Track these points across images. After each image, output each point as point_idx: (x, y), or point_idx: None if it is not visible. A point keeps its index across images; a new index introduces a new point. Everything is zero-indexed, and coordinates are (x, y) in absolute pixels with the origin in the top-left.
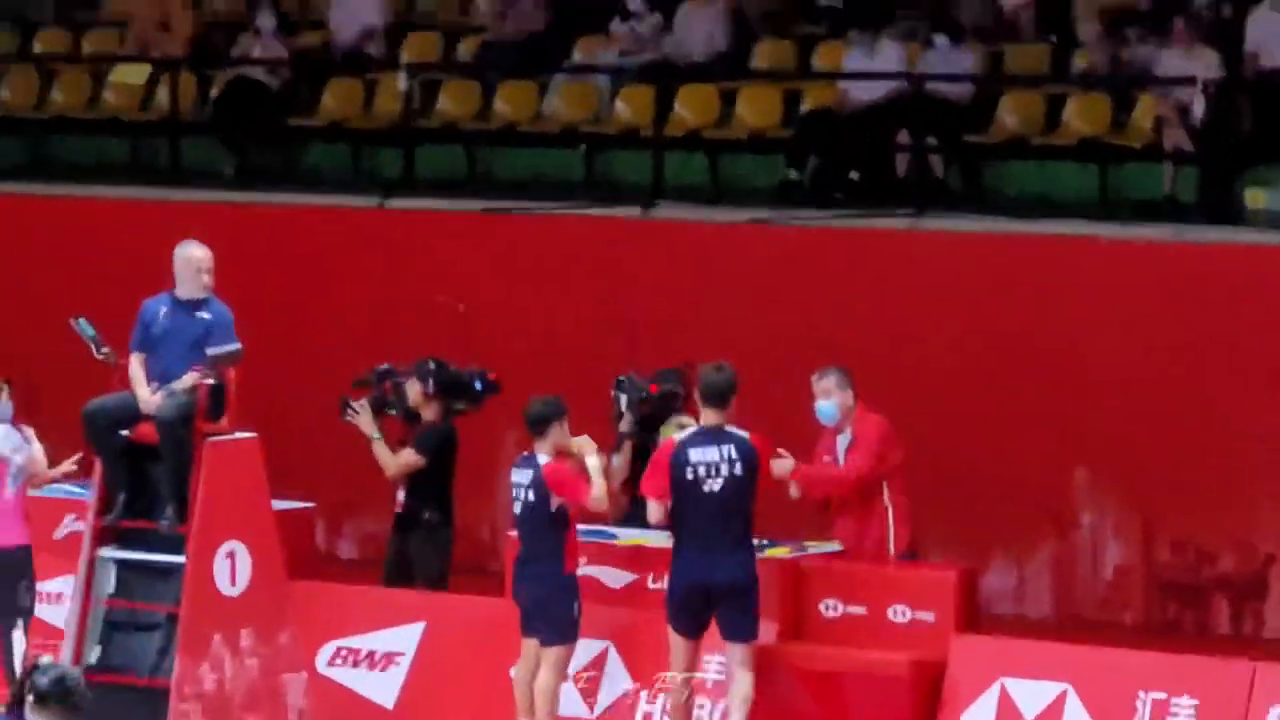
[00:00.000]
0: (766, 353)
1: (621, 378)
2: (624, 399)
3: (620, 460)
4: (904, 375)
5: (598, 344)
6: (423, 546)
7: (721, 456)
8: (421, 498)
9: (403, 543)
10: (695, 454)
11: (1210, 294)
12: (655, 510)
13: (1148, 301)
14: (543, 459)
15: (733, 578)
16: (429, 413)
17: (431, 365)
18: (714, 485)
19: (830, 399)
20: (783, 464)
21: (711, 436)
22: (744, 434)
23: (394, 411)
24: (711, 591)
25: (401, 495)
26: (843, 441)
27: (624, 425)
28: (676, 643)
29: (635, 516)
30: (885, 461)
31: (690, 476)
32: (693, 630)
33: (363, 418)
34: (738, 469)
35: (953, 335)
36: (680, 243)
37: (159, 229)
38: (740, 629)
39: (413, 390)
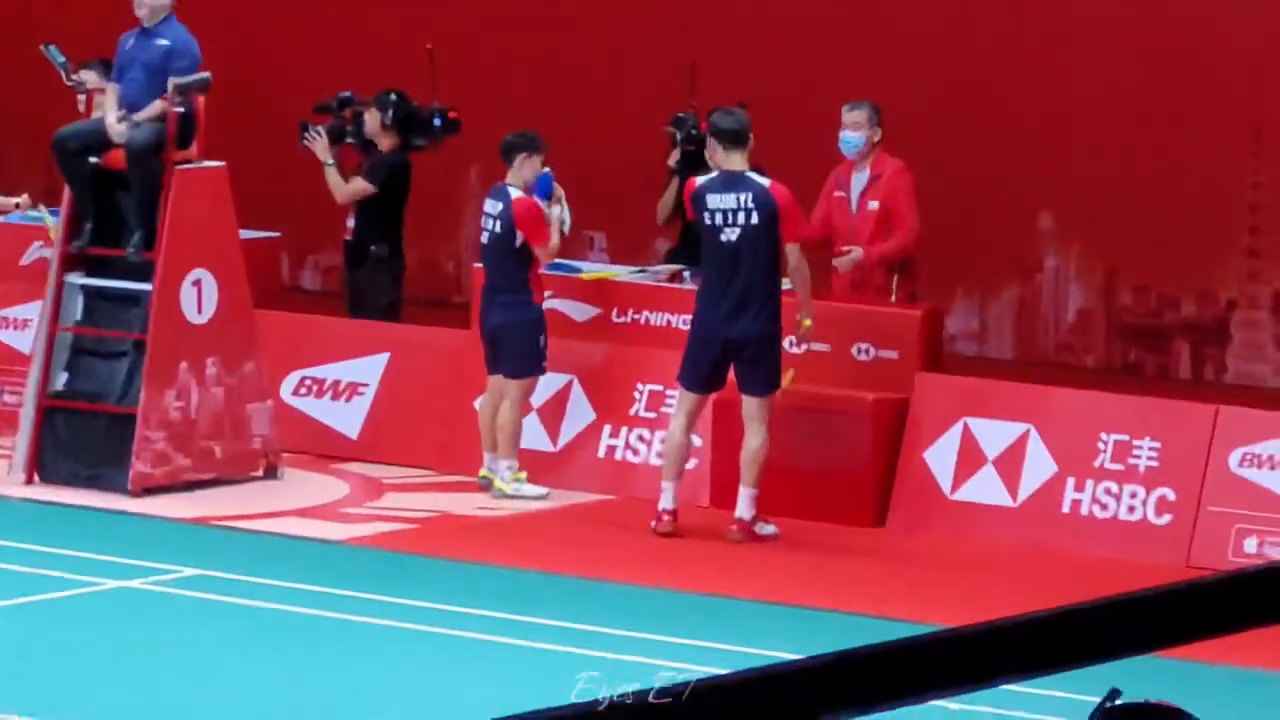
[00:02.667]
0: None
1: (680, 115)
2: (677, 135)
3: (668, 196)
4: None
5: (642, 80)
6: (372, 278)
7: (739, 204)
8: (370, 228)
9: (354, 274)
10: (712, 199)
11: (1186, 45)
12: None
13: (1122, 48)
14: (514, 192)
15: (748, 332)
16: (385, 144)
17: (393, 96)
18: (730, 235)
19: (859, 132)
20: (850, 258)
21: (729, 182)
22: (764, 181)
23: (351, 140)
24: (727, 346)
25: (351, 223)
26: (859, 179)
27: (671, 160)
28: (682, 395)
29: (681, 251)
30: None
31: (709, 222)
32: (700, 386)
33: (319, 142)
34: (754, 218)
35: (925, 73)
36: None
37: None
38: (755, 382)
39: (371, 120)
